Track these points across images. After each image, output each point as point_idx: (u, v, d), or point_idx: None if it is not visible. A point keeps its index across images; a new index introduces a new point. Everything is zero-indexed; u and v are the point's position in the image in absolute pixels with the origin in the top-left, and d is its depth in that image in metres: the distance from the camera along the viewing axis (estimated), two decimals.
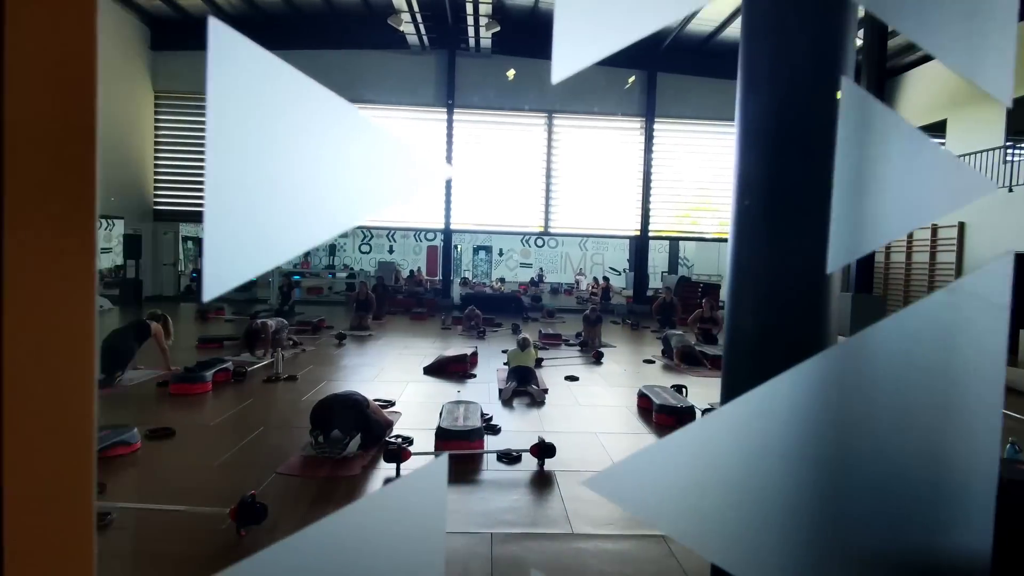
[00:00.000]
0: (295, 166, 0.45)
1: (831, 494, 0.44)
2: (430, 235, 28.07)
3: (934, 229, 12.72)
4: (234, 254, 0.44)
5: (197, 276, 17.42)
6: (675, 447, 0.49)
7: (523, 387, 6.52)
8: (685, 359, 8.43)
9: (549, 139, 16.09)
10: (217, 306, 13.68)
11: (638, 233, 16.47)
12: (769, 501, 0.45)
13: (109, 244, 23.50)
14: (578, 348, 9.65)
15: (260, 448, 4.62)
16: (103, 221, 24.11)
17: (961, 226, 12.05)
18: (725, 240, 17.29)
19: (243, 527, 3.14)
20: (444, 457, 0.49)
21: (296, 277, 20.17)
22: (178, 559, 2.92)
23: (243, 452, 4.46)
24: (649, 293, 17.46)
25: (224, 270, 0.42)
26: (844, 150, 0.42)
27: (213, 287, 0.42)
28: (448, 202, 15.96)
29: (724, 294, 20.08)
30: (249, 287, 16.80)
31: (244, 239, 0.45)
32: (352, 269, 25.33)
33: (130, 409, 5.73)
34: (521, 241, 28.76)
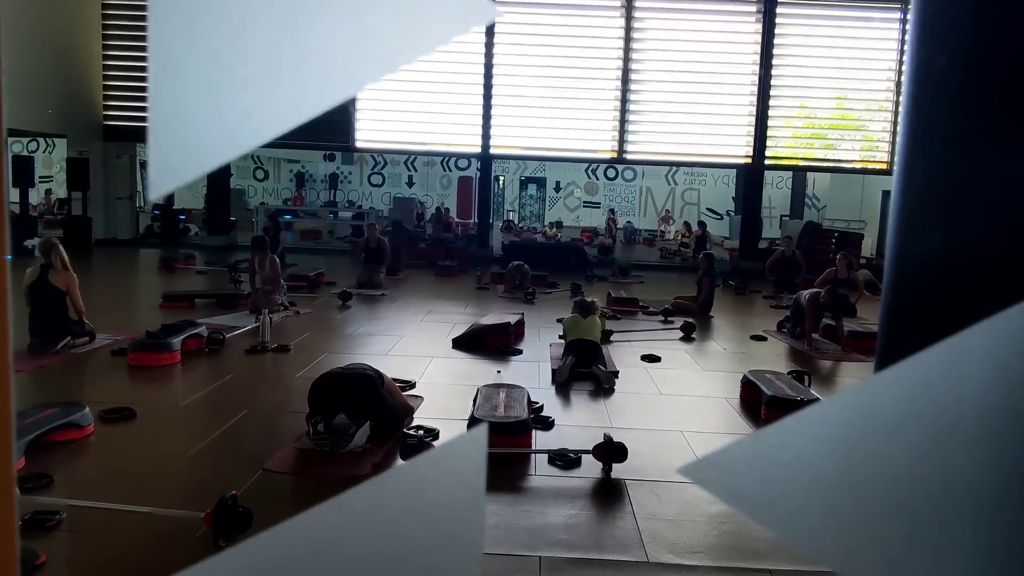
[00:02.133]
0: (268, 12, 0.43)
1: None
2: (462, 163, 28.16)
3: None
4: (188, 137, 0.43)
5: (161, 213, 18.01)
6: (813, 426, 0.46)
7: (585, 367, 6.54)
8: (833, 301, 8.23)
9: (627, 33, 15.66)
10: (186, 254, 14.16)
11: (749, 161, 16.02)
12: (959, 508, 0.42)
13: (49, 171, 24.51)
14: (661, 318, 9.59)
15: (243, 437, 4.80)
16: (40, 141, 25.12)
17: None
18: (872, 171, 16.52)
19: (222, 536, 3.29)
20: (482, 427, 0.48)
21: (286, 217, 20.63)
22: (141, 570, 3.10)
23: (221, 441, 4.65)
24: (763, 245, 17.04)
25: (175, 161, 0.42)
26: None
27: (161, 183, 0.42)
28: (487, 117, 15.87)
29: (870, 246, 19.30)
30: (227, 229, 17.31)
31: (202, 117, 0.44)
32: (359, 207, 25.75)
33: (80, 383, 6.03)
34: (586, 171, 28.52)
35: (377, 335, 8.08)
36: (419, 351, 7.32)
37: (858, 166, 16.46)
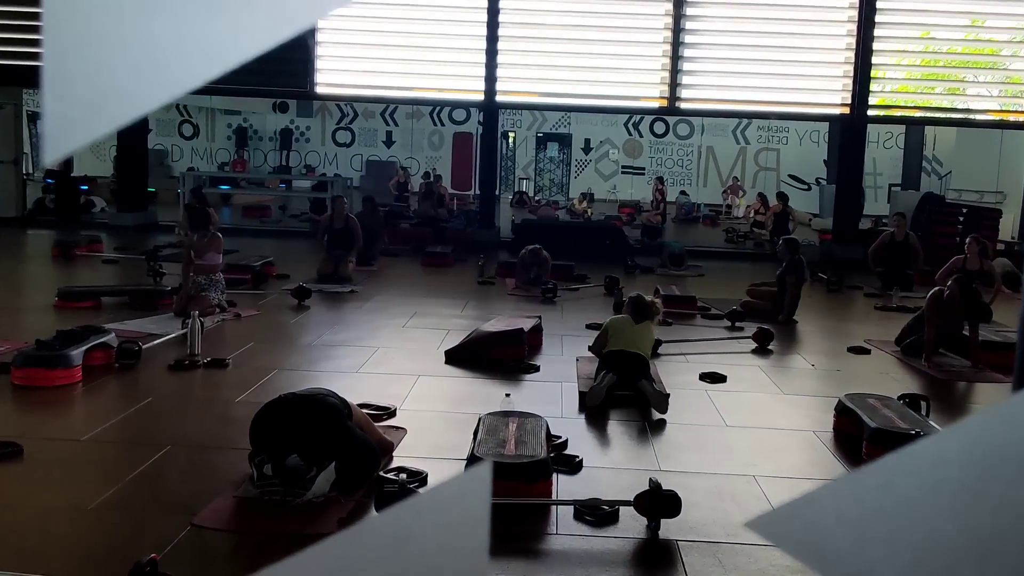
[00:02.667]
0: None
1: None
2: (459, 115, 28.13)
3: None
4: (95, 82, 0.43)
5: (56, 183, 18.09)
6: (930, 467, 0.46)
7: (626, 389, 6.52)
8: (964, 297, 7.98)
9: None
10: (90, 237, 14.22)
11: (846, 111, 15.95)
12: None
13: None
14: (727, 323, 9.57)
15: (165, 482, 4.81)
16: None
17: None
18: (1015, 124, 16.26)
19: None
20: (485, 468, 0.48)
21: (223, 188, 20.67)
22: None
23: (137, 487, 4.67)
24: (864, 225, 16.96)
25: (76, 113, 0.42)
26: None
27: (57, 143, 0.42)
28: (492, 54, 15.85)
29: (1011, 225, 19.09)
30: (144, 204, 17.38)
31: (113, 54, 0.44)
32: (322, 175, 25.74)
33: None
34: (626, 126, 28.50)
35: (344, 346, 8.10)
36: (401, 367, 7.33)
37: (995, 118, 16.35)
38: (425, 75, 16.06)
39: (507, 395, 6.60)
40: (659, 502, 4.33)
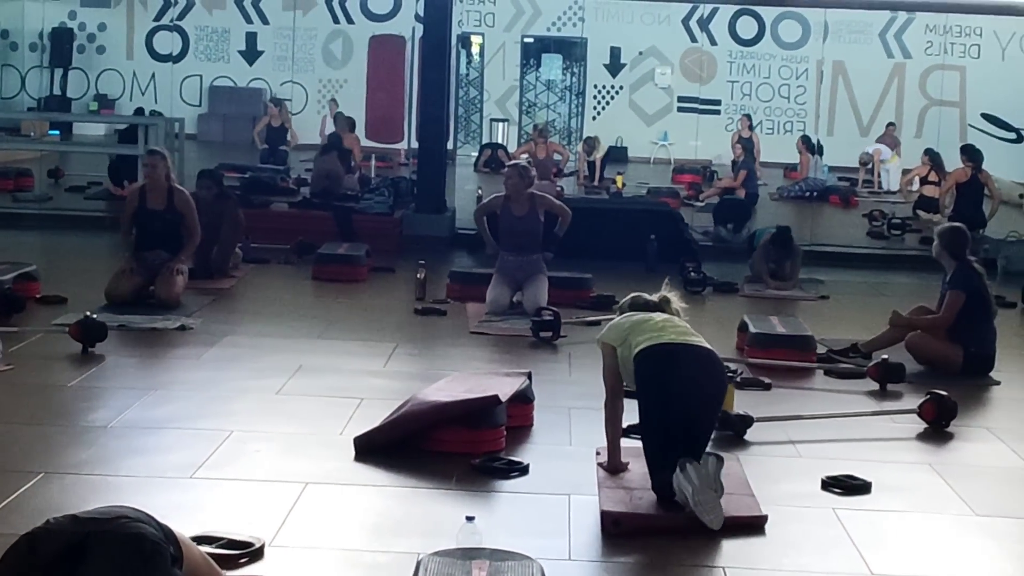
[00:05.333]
0: None
1: None
2: (380, 5, 28.12)
3: None
4: None
5: None
6: None
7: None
8: None
9: None
10: None
11: None
12: None
13: None
14: (872, 385, 9.61)
15: None
16: None
17: None
18: None
19: None
20: None
21: None
22: None
23: None
24: None
25: None
26: None
27: None
28: None
29: None
30: None
31: None
32: (114, 113, 25.55)
33: None
34: (686, 24, 28.60)
35: (169, 428, 8.07)
36: (273, 468, 7.31)
37: None
38: None
39: (469, 519, 6.56)
40: None
